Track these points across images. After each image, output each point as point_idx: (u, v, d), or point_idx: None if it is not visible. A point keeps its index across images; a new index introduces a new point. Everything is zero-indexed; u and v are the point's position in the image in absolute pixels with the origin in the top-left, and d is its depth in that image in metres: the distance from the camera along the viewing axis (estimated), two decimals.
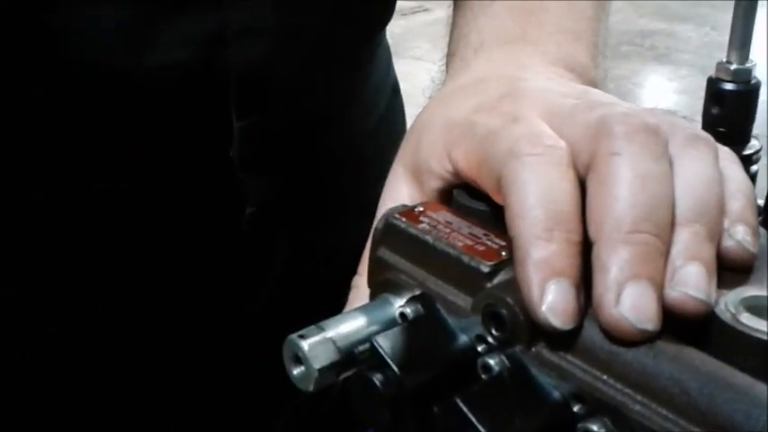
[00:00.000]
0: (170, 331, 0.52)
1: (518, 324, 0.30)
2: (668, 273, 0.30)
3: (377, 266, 0.36)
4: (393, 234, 0.36)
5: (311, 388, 0.32)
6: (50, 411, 0.52)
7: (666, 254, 0.30)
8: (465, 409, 0.28)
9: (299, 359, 0.33)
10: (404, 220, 0.35)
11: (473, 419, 0.28)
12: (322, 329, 0.33)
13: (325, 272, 0.56)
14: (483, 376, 0.31)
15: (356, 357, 0.33)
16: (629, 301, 0.29)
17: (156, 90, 0.47)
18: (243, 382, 0.55)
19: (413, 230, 0.35)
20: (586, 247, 0.31)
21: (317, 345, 0.32)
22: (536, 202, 0.31)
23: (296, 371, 0.33)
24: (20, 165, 0.47)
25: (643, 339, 0.29)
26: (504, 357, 0.31)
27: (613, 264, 0.29)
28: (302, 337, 0.32)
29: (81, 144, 0.47)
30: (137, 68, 0.46)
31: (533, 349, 0.30)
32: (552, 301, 0.29)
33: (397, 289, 0.35)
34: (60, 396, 0.52)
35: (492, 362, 0.31)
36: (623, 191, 0.30)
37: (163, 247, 0.51)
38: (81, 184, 0.48)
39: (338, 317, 0.34)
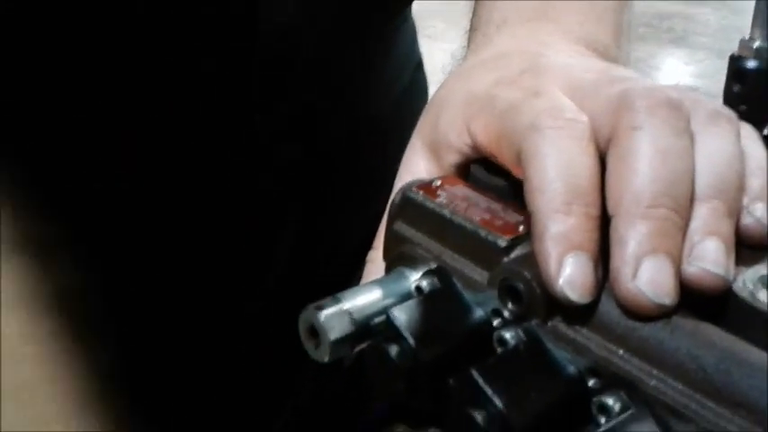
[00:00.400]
0: (170, 329, 0.52)
1: (534, 298, 0.30)
2: (686, 248, 0.30)
3: (393, 240, 0.36)
4: (410, 208, 0.36)
5: (326, 359, 0.32)
6: None
7: (685, 229, 0.30)
8: (480, 381, 0.28)
9: (314, 330, 0.33)
10: (421, 193, 0.35)
11: (488, 391, 0.28)
12: (338, 301, 0.33)
13: (331, 260, 0.56)
14: (498, 349, 0.31)
15: (372, 329, 0.33)
16: (646, 276, 0.29)
17: (183, 47, 0.47)
18: (243, 382, 0.55)
19: (430, 204, 0.35)
20: (605, 222, 0.31)
21: (333, 316, 0.32)
22: (555, 175, 0.31)
23: (311, 342, 0.33)
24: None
25: (660, 314, 0.29)
26: (519, 331, 0.31)
27: (631, 238, 0.29)
28: (319, 308, 0.33)
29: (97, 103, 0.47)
30: (165, 25, 0.46)
31: (549, 323, 0.30)
32: (570, 274, 0.29)
33: (412, 262, 0.35)
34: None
35: (508, 335, 0.31)
36: (643, 165, 0.30)
37: (170, 218, 0.51)
38: (89, 167, 0.48)
39: (354, 289, 0.34)
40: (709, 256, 0.29)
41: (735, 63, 1.30)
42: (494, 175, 0.37)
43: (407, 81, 0.62)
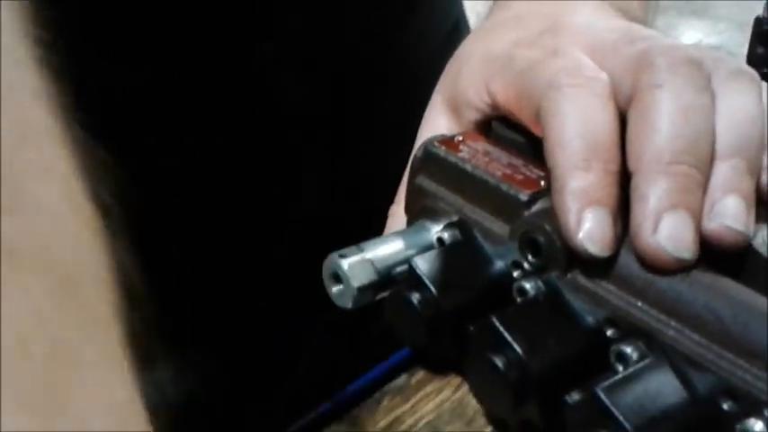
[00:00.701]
0: (199, 275, 0.53)
1: (555, 251, 0.31)
2: (707, 204, 0.30)
3: (415, 194, 0.37)
4: (432, 162, 0.36)
5: (349, 305, 0.33)
6: None
7: (706, 186, 0.30)
8: (501, 328, 0.29)
9: (338, 277, 0.33)
10: (443, 148, 0.36)
11: (508, 337, 0.29)
12: (361, 250, 0.34)
13: (355, 209, 0.56)
14: (518, 300, 0.32)
15: (393, 279, 0.34)
16: (666, 230, 0.29)
17: None
18: (270, 325, 0.56)
19: (452, 158, 0.35)
20: (625, 179, 0.31)
21: (357, 264, 0.33)
22: (575, 132, 0.31)
23: (335, 288, 0.34)
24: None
25: (679, 268, 0.29)
26: (539, 282, 0.31)
27: (652, 194, 0.30)
28: (342, 256, 0.33)
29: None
30: None
31: (569, 276, 0.31)
32: (589, 228, 0.30)
33: (434, 215, 0.36)
34: None
35: (528, 286, 0.31)
36: (664, 123, 0.31)
37: (196, 163, 0.51)
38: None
39: (377, 239, 0.35)
40: (729, 213, 0.30)
41: (760, 25, 1.28)
42: (514, 131, 0.37)
43: (445, 34, 0.62)
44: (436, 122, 0.40)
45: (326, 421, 0.33)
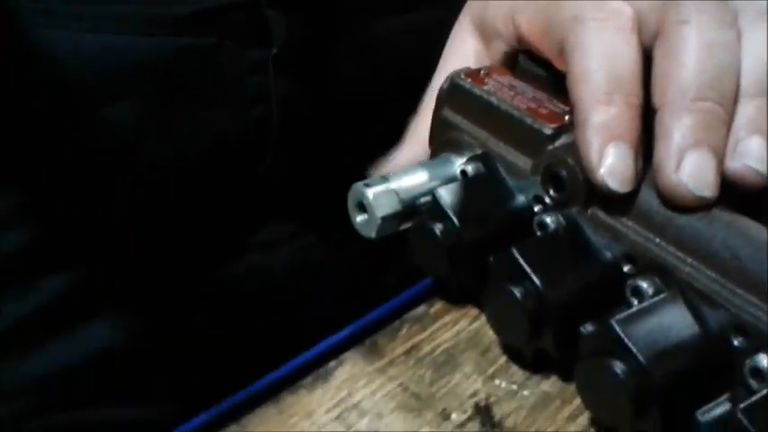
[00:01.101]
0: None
1: (576, 185, 0.31)
2: (730, 143, 0.30)
3: (440, 126, 0.37)
4: (457, 94, 0.36)
5: (373, 235, 0.34)
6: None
7: (730, 124, 0.30)
8: (520, 259, 0.30)
9: (363, 207, 0.34)
10: (469, 80, 0.36)
11: (527, 268, 0.29)
12: (386, 180, 0.34)
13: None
14: (538, 233, 0.32)
15: (417, 209, 0.34)
16: (689, 168, 0.29)
17: None
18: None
19: (477, 91, 0.35)
20: (648, 115, 0.31)
21: (381, 194, 0.34)
22: (597, 66, 0.32)
23: (359, 218, 0.34)
24: None
25: (700, 206, 0.29)
26: (560, 217, 0.32)
27: (676, 130, 0.30)
28: (367, 185, 0.34)
29: None
30: None
31: (589, 211, 0.31)
32: (611, 164, 0.30)
33: (458, 148, 0.36)
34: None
35: (548, 220, 0.32)
36: (690, 59, 0.31)
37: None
38: None
39: (401, 171, 0.35)
40: (752, 153, 0.30)
41: None
42: (541, 66, 0.37)
43: None
44: (463, 44, 0.40)
45: (347, 346, 0.34)
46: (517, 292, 0.30)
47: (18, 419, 0.51)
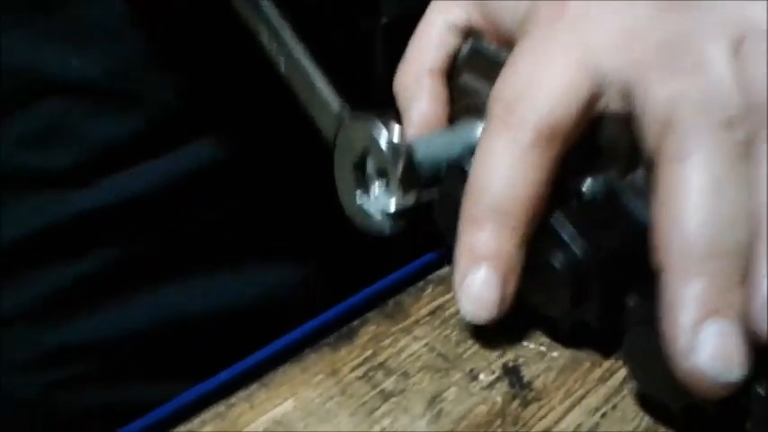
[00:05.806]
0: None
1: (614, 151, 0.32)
2: (755, 301, 0.26)
3: (460, 92, 0.37)
4: (477, 59, 0.36)
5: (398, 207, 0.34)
6: None
7: (747, 273, 0.26)
8: (557, 227, 0.30)
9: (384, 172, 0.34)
10: (494, 44, 0.36)
11: (565, 237, 0.30)
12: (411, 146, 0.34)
13: None
14: (574, 200, 0.32)
15: (439, 176, 0.34)
16: (708, 347, 0.25)
17: None
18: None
19: (503, 54, 0.35)
20: None
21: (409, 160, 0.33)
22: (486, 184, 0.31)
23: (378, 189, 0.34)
24: None
25: (728, 391, 0.26)
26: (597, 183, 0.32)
27: (686, 300, 0.26)
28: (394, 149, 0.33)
29: None
30: None
31: (627, 177, 0.32)
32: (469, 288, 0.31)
33: (479, 113, 0.36)
34: None
35: (584, 187, 0.32)
36: (693, 206, 0.26)
37: None
38: None
39: (423, 137, 0.35)
40: None
41: None
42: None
43: None
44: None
45: (369, 307, 0.34)
46: (556, 262, 0.30)
47: (49, 391, 0.51)
